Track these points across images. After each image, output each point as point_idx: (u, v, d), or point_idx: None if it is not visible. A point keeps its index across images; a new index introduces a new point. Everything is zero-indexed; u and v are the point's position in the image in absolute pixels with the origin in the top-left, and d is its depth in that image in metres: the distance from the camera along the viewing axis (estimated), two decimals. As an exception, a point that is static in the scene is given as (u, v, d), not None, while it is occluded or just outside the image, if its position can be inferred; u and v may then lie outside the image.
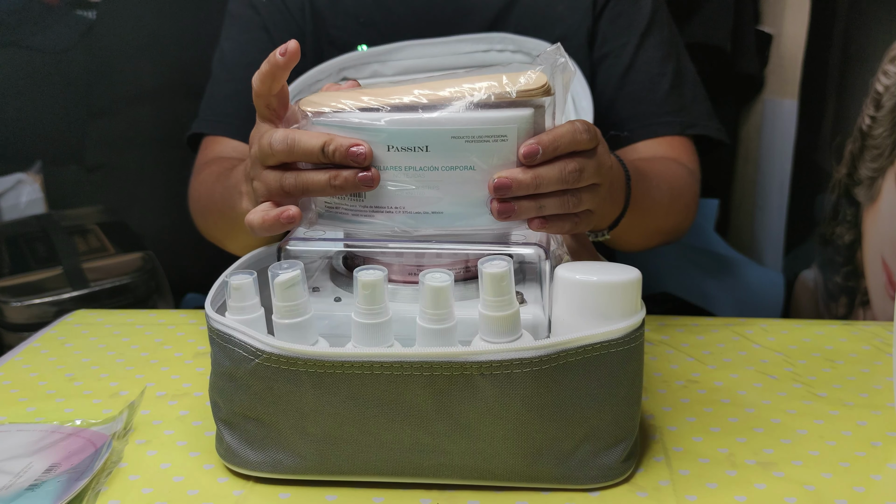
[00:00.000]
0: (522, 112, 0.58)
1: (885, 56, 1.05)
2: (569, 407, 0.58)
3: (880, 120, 1.06)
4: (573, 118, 0.63)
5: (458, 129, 0.57)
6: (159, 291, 1.31)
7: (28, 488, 0.59)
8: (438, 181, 0.59)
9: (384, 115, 0.58)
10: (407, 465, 0.59)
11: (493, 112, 0.58)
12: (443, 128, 0.57)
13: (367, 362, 0.56)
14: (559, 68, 0.60)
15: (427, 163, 0.59)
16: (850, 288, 1.15)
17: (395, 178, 0.59)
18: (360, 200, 0.61)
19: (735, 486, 0.61)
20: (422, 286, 0.57)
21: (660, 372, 0.79)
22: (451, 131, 0.58)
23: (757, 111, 1.32)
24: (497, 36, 0.92)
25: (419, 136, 0.58)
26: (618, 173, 0.72)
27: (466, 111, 0.58)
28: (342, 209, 0.62)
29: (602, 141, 0.64)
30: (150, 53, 1.24)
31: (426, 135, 0.58)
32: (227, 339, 0.59)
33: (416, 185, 0.59)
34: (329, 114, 0.60)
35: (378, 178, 0.59)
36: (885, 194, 1.06)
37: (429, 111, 0.58)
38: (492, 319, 0.57)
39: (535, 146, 0.58)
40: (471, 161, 0.58)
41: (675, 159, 0.94)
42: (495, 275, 0.56)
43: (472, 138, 0.58)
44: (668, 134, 0.96)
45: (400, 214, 0.61)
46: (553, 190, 0.60)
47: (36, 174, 1.28)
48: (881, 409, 0.72)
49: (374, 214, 0.61)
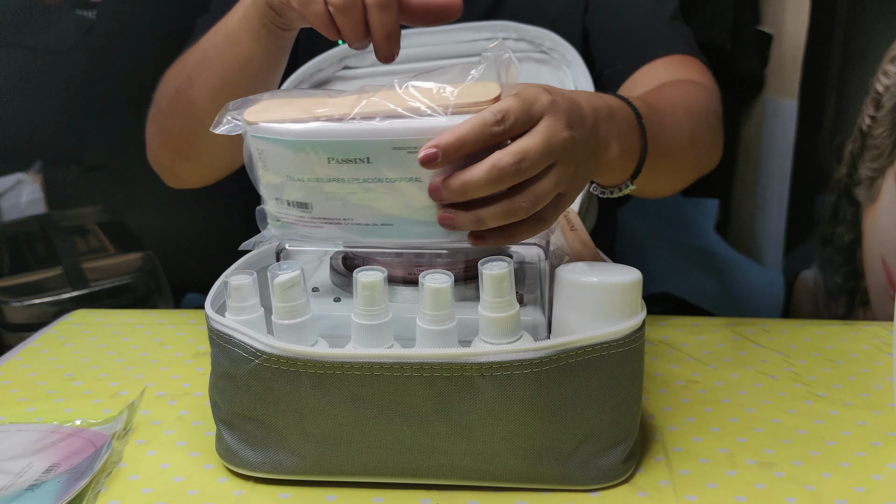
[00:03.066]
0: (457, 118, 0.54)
1: (885, 56, 1.05)
2: (569, 408, 0.57)
3: (880, 120, 1.06)
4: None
5: (398, 139, 0.54)
6: (159, 291, 1.31)
7: (28, 488, 0.59)
8: (385, 193, 0.56)
9: (323, 126, 0.55)
10: (407, 465, 0.59)
11: (432, 120, 0.54)
12: (382, 139, 0.54)
13: (367, 363, 0.56)
14: (503, 64, 0.57)
15: (371, 174, 0.56)
16: (850, 288, 1.15)
17: (340, 189, 0.57)
18: (307, 212, 0.59)
19: (735, 486, 0.61)
20: (421, 287, 0.57)
21: (660, 372, 0.79)
22: (391, 142, 0.54)
23: (757, 111, 1.32)
24: (499, 24, 0.92)
25: (358, 147, 0.55)
26: (623, 115, 0.64)
27: (407, 120, 0.54)
28: (292, 218, 0.60)
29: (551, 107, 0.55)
30: (150, 53, 1.24)
31: (365, 146, 0.55)
32: (227, 339, 0.59)
33: (363, 197, 0.57)
34: (264, 126, 0.57)
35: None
36: (885, 194, 1.06)
37: (369, 121, 0.54)
38: (492, 320, 0.57)
39: (432, 150, 0.52)
40: (415, 172, 0.55)
41: (686, 80, 0.85)
42: (496, 276, 0.56)
43: (413, 149, 0.54)
44: (674, 52, 0.87)
45: (349, 225, 0.59)
46: (489, 194, 0.54)
47: (36, 174, 1.27)
48: (881, 409, 0.72)
49: (322, 226, 0.59)
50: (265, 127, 0.57)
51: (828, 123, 1.20)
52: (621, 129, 0.62)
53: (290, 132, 0.56)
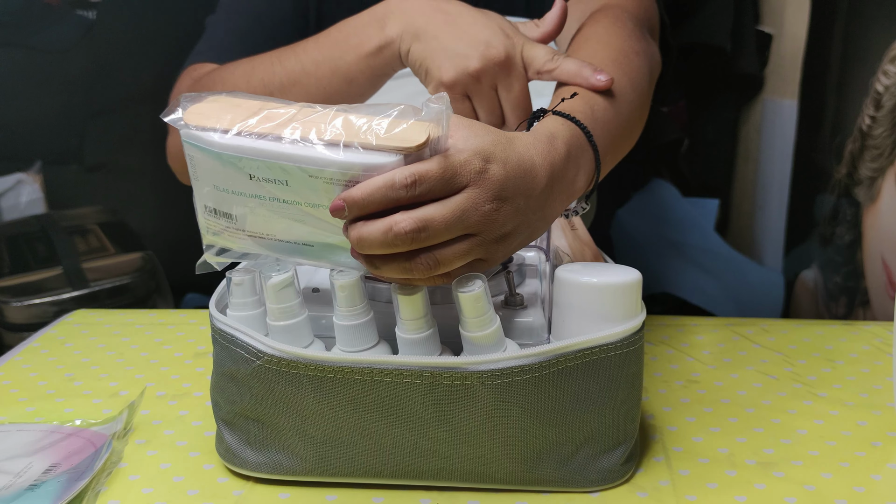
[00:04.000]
0: (383, 159, 0.53)
1: (885, 56, 1.05)
2: (568, 411, 0.57)
3: (880, 120, 1.06)
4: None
5: (313, 168, 0.53)
6: (159, 291, 1.31)
7: (28, 488, 0.59)
8: (304, 216, 0.56)
9: (246, 143, 0.55)
10: (407, 468, 0.59)
11: (350, 154, 0.53)
12: (299, 165, 0.54)
13: (368, 368, 0.56)
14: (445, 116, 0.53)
15: (290, 197, 0.55)
16: (850, 288, 1.15)
17: (260, 206, 0.57)
18: (232, 222, 0.59)
19: (735, 486, 0.61)
20: (394, 298, 0.56)
21: (660, 372, 0.79)
22: (307, 170, 0.54)
23: (757, 111, 1.32)
24: None
25: (277, 170, 0.54)
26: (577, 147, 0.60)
27: (327, 150, 0.53)
28: (219, 228, 0.61)
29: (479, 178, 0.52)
30: (150, 53, 1.24)
31: (284, 170, 0.54)
32: (230, 339, 0.59)
33: (283, 216, 0.57)
34: (194, 133, 0.56)
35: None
36: (885, 194, 1.06)
37: (294, 144, 0.54)
38: (475, 339, 0.56)
39: (339, 203, 0.52)
40: (330, 201, 0.54)
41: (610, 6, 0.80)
42: (472, 296, 0.55)
43: (328, 180, 0.53)
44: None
45: (272, 241, 0.59)
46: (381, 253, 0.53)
47: (36, 174, 1.28)
48: (881, 409, 0.72)
49: (245, 238, 0.60)
50: (195, 134, 0.56)
51: (828, 123, 1.20)
52: (579, 161, 0.61)
53: (216, 144, 0.56)
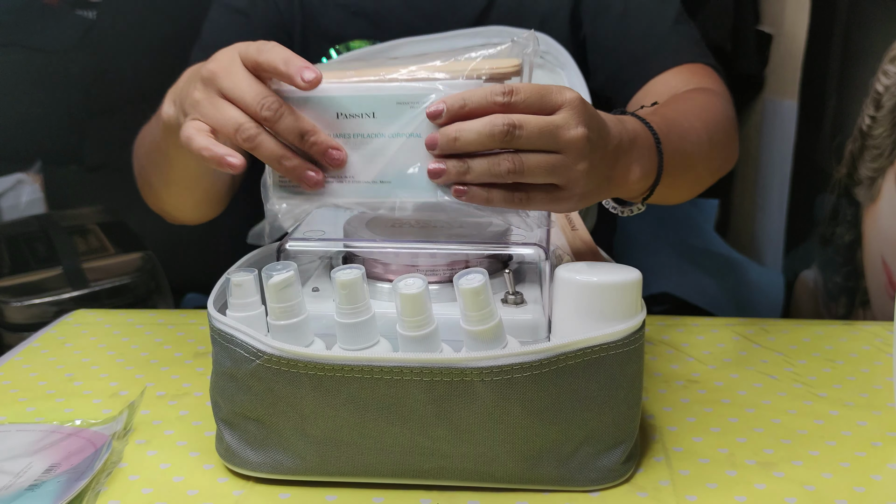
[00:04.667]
0: (471, 82, 0.58)
1: (885, 56, 1.05)
2: (568, 410, 0.57)
3: (880, 120, 1.06)
4: None
5: (403, 94, 0.58)
6: (159, 291, 1.31)
7: (28, 488, 0.59)
8: (384, 148, 0.59)
9: (333, 84, 0.59)
10: (407, 467, 0.59)
11: (438, 81, 0.58)
12: (389, 93, 0.58)
13: (367, 366, 0.56)
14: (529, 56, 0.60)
15: (374, 129, 0.59)
16: (850, 288, 1.15)
17: (345, 144, 0.60)
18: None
19: (735, 486, 0.61)
20: (395, 294, 0.56)
21: (660, 372, 0.79)
22: (396, 97, 0.58)
23: (757, 111, 1.32)
24: (494, 29, 0.91)
25: (365, 102, 0.58)
26: (643, 139, 0.65)
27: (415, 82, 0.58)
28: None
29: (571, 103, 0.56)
30: (150, 53, 1.24)
31: (372, 101, 0.58)
32: (229, 339, 0.59)
33: (365, 152, 0.59)
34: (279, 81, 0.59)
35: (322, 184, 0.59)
36: (885, 194, 1.06)
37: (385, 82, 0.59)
38: (476, 334, 0.56)
39: (440, 104, 0.56)
40: (416, 128, 0.58)
41: (699, 89, 0.85)
42: (471, 290, 0.55)
43: (415, 104, 0.58)
44: (684, 61, 0.87)
45: (350, 183, 0.60)
46: (478, 149, 0.56)
47: (36, 174, 1.28)
48: (881, 409, 0.72)
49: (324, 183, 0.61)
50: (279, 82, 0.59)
51: (828, 123, 1.20)
52: (642, 153, 0.64)
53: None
